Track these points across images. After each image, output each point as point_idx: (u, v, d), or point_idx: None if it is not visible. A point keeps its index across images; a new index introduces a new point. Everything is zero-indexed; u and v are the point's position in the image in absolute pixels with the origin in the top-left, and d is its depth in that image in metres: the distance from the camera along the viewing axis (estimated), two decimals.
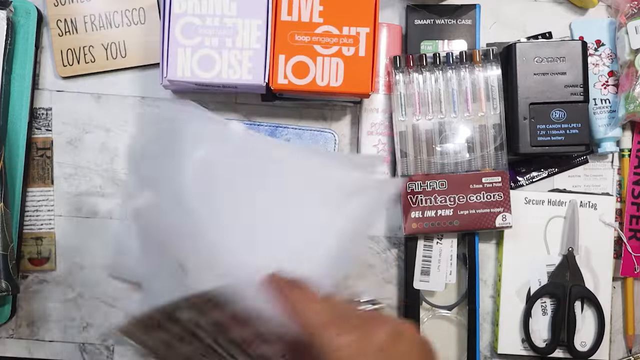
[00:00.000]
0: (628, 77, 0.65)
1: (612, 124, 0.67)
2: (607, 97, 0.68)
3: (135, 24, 0.68)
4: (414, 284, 0.66)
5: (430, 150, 0.65)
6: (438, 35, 0.67)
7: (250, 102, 0.69)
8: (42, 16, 0.68)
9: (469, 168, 0.65)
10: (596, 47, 0.69)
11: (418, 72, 0.66)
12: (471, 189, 0.64)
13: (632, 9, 0.66)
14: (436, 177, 0.65)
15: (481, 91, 0.65)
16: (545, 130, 0.65)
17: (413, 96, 0.65)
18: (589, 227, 0.67)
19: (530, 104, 0.65)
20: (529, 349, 0.67)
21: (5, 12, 0.63)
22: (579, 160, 0.70)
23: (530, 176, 0.69)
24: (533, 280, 0.67)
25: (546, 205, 0.68)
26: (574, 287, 0.66)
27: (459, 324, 0.68)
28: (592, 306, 0.67)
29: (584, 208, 0.67)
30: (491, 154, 0.65)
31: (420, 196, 0.65)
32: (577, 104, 0.65)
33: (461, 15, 0.67)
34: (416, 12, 0.68)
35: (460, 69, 0.66)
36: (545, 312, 0.67)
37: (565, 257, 0.67)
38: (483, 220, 0.64)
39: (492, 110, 0.65)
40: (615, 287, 0.69)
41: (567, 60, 0.65)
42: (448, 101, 0.66)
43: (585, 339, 0.67)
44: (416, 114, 0.65)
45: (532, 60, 0.65)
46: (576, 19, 0.70)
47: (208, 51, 0.61)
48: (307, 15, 0.61)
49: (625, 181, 0.69)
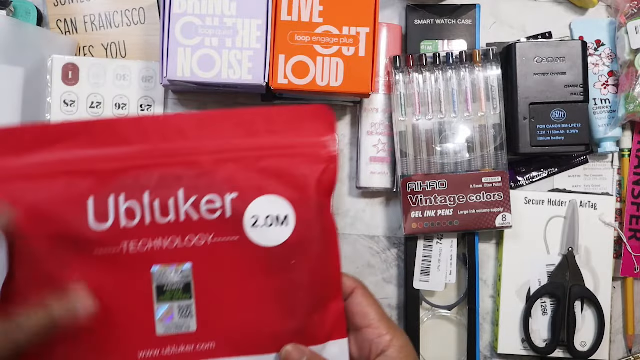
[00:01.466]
0: (628, 77, 0.65)
1: (612, 124, 0.67)
2: (607, 97, 0.68)
3: (135, 24, 0.68)
4: (414, 284, 0.66)
5: (430, 150, 0.65)
6: (438, 35, 0.67)
7: (250, 102, 0.69)
8: (42, 16, 0.68)
9: (469, 168, 0.65)
10: (596, 47, 0.69)
11: (418, 72, 0.66)
12: (471, 189, 0.64)
13: (632, 9, 0.66)
14: (436, 177, 0.65)
15: (481, 91, 0.65)
16: (545, 130, 0.65)
17: (413, 96, 0.65)
18: (589, 227, 0.67)
19: (530, 104, 0.65)
20: (529, 349, 0.67)
21: (5, 12, 0.63)
22: (579, 160, 0.70)
23: (530, 176, 0.69)
24: (533, 280, 0.67)
25: (546, 205, 0.68)
26: (574, 287, 0.66)
27: (459, 324, 0.68)
28: (592, 306, 0.67)
29: (584, 208, 0.67)
30: (491, 154, 0.65)
31: (420, 196, 0.65)
32: (577, 104, 0.65)
33: (461, 15, 0.67)
34: (416, 12, 0.68)
35: (460, 69, 0.66)
36: (545, 312, 0.67)
37: (565, 257, 0.67)
38: (483, 220, 0.64)
39: (492, 110, 0.65)
40: (615, 287, 0.69)
41: (567, 60, 0.65)
42: (448, 101, 0.66)
43: (585, 339, 0.67)
44: (416, 114, 0.65)
45: (532, 60, 0.65)
46: (576, 19, 0.70)
47: (208, 51, 0.60)
48: (307, 15, 0.61)
49: (625, 181, 0.69)
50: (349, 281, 0.45)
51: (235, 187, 0.41)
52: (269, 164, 0.42)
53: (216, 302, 0.42)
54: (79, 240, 0.40)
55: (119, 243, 0.40)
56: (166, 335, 0.41)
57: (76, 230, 0.39)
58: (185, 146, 0.41)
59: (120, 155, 0.40)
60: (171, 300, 0.41)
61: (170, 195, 0.40)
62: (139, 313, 0.41)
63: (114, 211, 0.40)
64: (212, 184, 0.41)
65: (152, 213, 0.40)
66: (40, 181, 0.39)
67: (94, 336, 0.40)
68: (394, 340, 0.43)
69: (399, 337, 0.44)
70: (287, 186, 0.42)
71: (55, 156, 0.40)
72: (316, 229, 0.42)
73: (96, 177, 0.40)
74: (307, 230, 0.42)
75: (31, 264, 0.39)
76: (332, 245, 0.43)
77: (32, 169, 0.40)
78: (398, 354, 0.43)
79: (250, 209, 0.41)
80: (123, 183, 0.40)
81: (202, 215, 0.41)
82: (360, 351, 0.45)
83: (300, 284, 0.42)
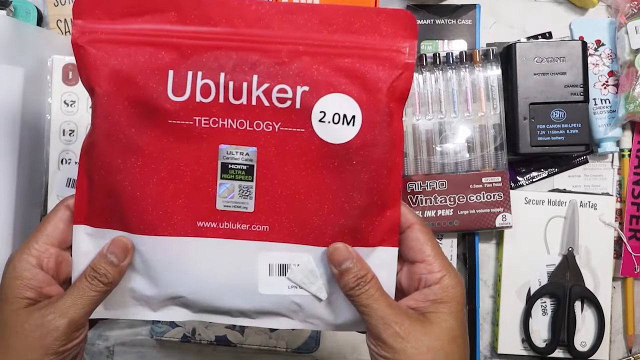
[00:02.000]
0: (628, 77, 0.65)
1: (612, 124, 0.67)
2: (607, 97, 0.68)
3: None
4: None
5: (430, 150, 0.65)
6: (438, 35, 0.67)
7: None
8: (42, 16, 0.68)
9: (469, 168, 0.65)
10: (596, 47, 0.69)
11: (418, 72, 0.66)
12: (471, 189, 0.64)
13: (632, 9, 0.66)
14: (436, 177, 0.65)
15: (481, 91, 0.65)
16: (545, 130, 0.65)
17: (413, 96, 0.65)
18: (589, 227, 0.67)
19: (530, 104, 0.65)
20: (529, 349, 0.67)
21: (5, 12, 0.63)
22: (579, 160, 0.70)
23: (530, 176, 0.69)
24: (533, 280, 0.67)
25: (546, 205, 0.68)
26: (574, 287, 0.66)
27: None
28: (592, 306, 0.67)
29: (584, 208, 0.67)
30: (491, 154, 0.65)
31: (420, 196, 0.65)
32: (577, 104, 0.65)
33: (461, 15, 0.67)
34: (416, 12, 0.68)
35: (460, 69, 0.66)
36: (545, 312, 0.67)
37: (565, 257, 0.67)
38: (483, 220, 0.64)
39: (492, 110, 0.65)
40: (615, 287, 0.69)
41: (567, 60, 0.65)
42: (448, 101, 0.66)
43: (585, 339, 0.67)
44: (416, 114, 0.65)
45: (532, 60, 0.65)
46: (576, 19, 0.70)
47: None
48: None
49: (625, 181, 0.69)
50: (409, 214, 0.45)
51: (307, 81, 0.42)
52: (344, 63, 0.42)
53: (275, 189, 0.43)
54: (156, 108, 0.41)
55: (192, 117, 0.42)
56: (225, 210, 0.43)
57: (154, 98, 0.41)
58: (265, 34, 0.42)
59: (204, 34, 0.42)
60: (234, 179, 0.43)
61: (245, 79, 0.41)
62: (202, 185, 0.43)
63: (190, 86, 0.41)
64: (286, 74, 0.42)
65: (225, 94, 0.42)
66: (127, 47, 0.41)
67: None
68: (444, 278, 0.43)
69: (451, 276, 0.43)
70: (358, 87, 0.42)
71: (143, 26, 0.42)
72: (382, 134, 0.43)
73: (179, 52, 0.42)
74: (372, 133, 0.42)
75: (109, 122, 0.41)
76: (396, 153, 0.43)
77: (120, 35, 0.42)
78: (443, 291, 0.43)
79: (319, 104, 0.42)
80: (202, 61, 0.42)
81: (273, 102, 0.42)
82: (410, 282, 0.45)
83: (359, 185, 0.43)
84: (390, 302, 0.42)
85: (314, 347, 0.67)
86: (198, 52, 0.42)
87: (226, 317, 0.45)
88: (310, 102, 0.42)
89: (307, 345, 0.67)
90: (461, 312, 0.43)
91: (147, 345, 0.69)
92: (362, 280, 0.42)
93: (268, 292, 0.44)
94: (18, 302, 0.40)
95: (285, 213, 0.43)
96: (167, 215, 0.43)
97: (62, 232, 0.43)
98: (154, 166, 0.42)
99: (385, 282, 0.44)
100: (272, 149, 0.43)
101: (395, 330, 0.41)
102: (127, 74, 0.41)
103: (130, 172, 0.42)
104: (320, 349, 0.67)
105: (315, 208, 0.43)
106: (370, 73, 0.42)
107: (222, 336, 0.66)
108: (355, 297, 0.42)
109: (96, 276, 0.41)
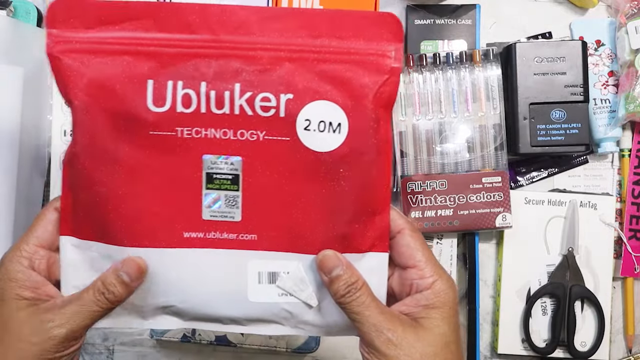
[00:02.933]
0: (628, 77, 0.65)
1: (612, 124, 0.67)
2: (607, 97, 0.68)
3: None
4: None
5: (430, 150, 0.65)
6: (438, 35, 0.67)
7: None
8: (42, 16, 0.68)
9: (469, 168, 0.65)
10: (596, 47, 0.69)
11: (418, 72, 0.66)
12: (471, 189, 0.64)
13: (632, 9, 0.66)
14: (436, 177, 0.65)
15: (481, 91, 0.65)
16: (545, 130, 0.65)
17: (413, 96, 0.65)
18: (589, 227, 0.67)
19: (530, 104, 0.65)
20: (529, 349, 0.67)
21: (5, 12, 0.63)
22: (579, 160, 0.70)
23: (530, 176, 0.69)
24: (533, 280, 0.67)
25: (546, 205, 0.68)
26: (574, 287, 0.66)
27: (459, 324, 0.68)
28: (592, 306, 0.67)
29: (584, 208, 0.67)
30: (491, 154, 0.65)
31: (420, 196, 0.65)
32: (577, 104, 0.65)
33: (461, 15, 0.67)
34: (416, 12, 0.68)
35: (460, 69, 0.66)
36: (545, 312, 0.67)
37: (565, 257, 0.67)
38: (483, 220, 0.64)
39: (492, 110, 0.65)
40: (615, 287, 0.69)
41: (567, 60, 0.65)
42: (448, 101, 0.66)
43: (585, 339, 0.67)
44: (416, 114, 0.65)
45: (532, 60, 0.65)
46: (576, 19, 0.70)
47: None
48: None
49: (625, 181, 0.69)
50: (399, 219, 0.44)
51: (291, 88, 0.41)
52: (328, 68, 0.41)
53: (262, 198, 0.42)
54: (136, 119, 0.41)
55: (174, 127, 0.41)
56: (211, 220, 0.42)
57: (134, 108, 0.40)
58: (247, 40, 0.41)
59: (183, 42, 0.41)
60: (219, 189, 0.42)
61: (227, 88, 0.41)
62: (187, 196, 0.42)
63: (171, 96, 0.41)
64: (269, 82, 0.41)
65: (207, 103, 0.41)
66: (105, 56, 0.41)
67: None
68: (436, 283, 0.42)
69: (443, 280, 0.43)
70: (343, 93, 0.41)
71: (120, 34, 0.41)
72: (369, 141, 0.42)
73: (157, 61, 0.41)
74: (359, 140, 0.42)
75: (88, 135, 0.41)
76: (384, 160, 0.43)
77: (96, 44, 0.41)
78: (435, 297, 0.42)
79: (304, 112, 0.41)
80: (182, 70, 0.41)
81: (257, 111, 0.41)
82: (402, 288, 0.44)
83: (347, 192, 0.42)
84: (382, 309, 0.42)
85: (314, 347, 0.67)
86: (178, 60, 0.41)
87: (217, 324, 0.45)
88: (295, 110, 0.41)
89: (307, 345, 0.67)
90: (454, 317, 0.43)
91: (147, 345, 0.69)
92: (353, 287, 0.41)
93: (258, 299, 0.43)
94: (17, 303, 0.40)
95: (273, 221, 0.43)
96: (152, 227, 0.42)
97: (52, 234, 0.42)
98: (137, 178, 0.41)
99: (376, 288, 0.43)
100: (257, 158, 0.42)
101: (387, 337, 0.40)
102: (104, 84, 0.40)
103: (112, 184, 0.41)
104: (320, 349, 0.67)
105: (304, 216, 0.42)
106: (355, 79, 0.41)
107: (222, 336, 0.66)
108: (346, 304, 0.42)
109: (104, 292, 0.41)
